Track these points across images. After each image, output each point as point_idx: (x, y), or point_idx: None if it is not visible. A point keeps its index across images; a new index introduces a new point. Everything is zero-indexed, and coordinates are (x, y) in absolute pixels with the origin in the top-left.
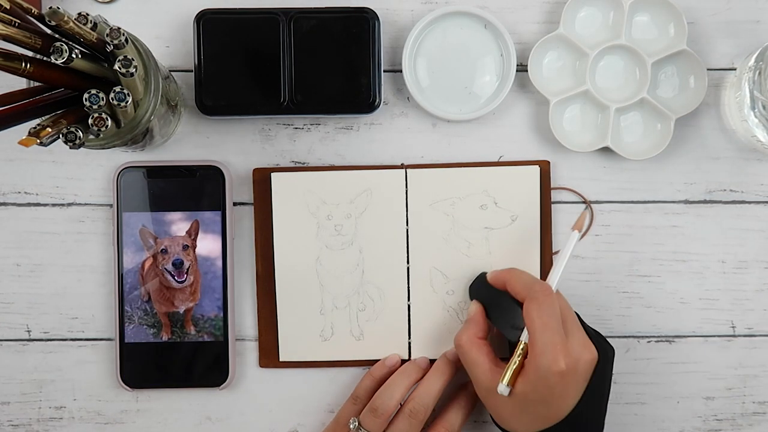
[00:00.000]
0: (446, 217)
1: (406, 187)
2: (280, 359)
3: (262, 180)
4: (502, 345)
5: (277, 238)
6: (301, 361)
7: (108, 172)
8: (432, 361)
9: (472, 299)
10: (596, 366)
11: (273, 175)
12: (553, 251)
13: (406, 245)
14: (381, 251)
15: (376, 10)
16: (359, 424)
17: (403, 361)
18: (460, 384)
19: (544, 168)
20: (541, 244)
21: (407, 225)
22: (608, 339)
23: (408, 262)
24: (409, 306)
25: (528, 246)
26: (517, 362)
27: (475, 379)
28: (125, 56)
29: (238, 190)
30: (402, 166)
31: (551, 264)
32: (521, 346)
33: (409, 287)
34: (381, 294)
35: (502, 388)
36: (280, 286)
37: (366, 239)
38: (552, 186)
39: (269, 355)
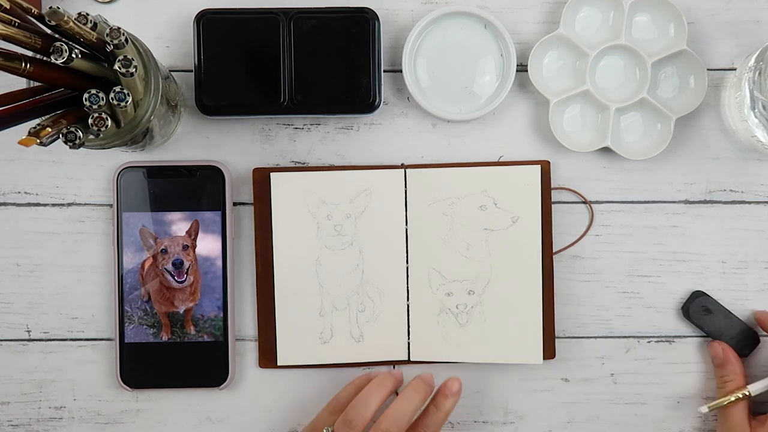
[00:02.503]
0: (445, 217)
1: (406, 187)
2: (279, 363)
3: (261, 180)
4: None
5: (276, 238)
6: (301, 364)
7: (108, 172)
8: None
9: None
10: None
11: (272, 175)
12: (554, 251)
13: (405, 245)
14: (381, 251)
15: (376, 10)
16: None
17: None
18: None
19: (545, 168)
20: (542, 246)
21: (407, 225)
22: (608, 339)
23: (407, 263)
24: (408, 306)
25: (528, 248)
26: None
27: None
28: (125, 56)
29: (238, 190)
30: (401, 166)
31: (552, 265)
32: None
33: (408, 288)
34: (380, 294)
35: None
36: (280, 286)
37: (365, 239)
38: (552, 186)
39: (269, 356)
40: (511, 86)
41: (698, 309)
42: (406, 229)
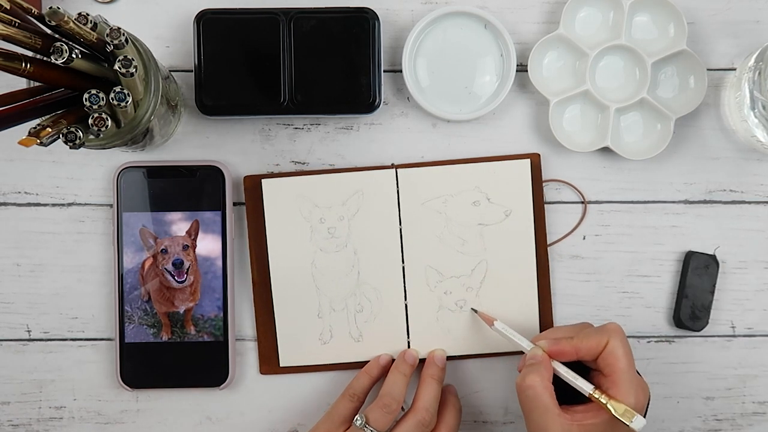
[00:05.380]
0: (439, 215)
1: (397, 186)
2: (281, 365)
3: (253, 187)
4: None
5: (271, 244)
6: (302, 366)
7: (108, 172)
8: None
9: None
10: (648, 399)
11: (264, 181)
12: (548, 243)
13: (400, 245)
14: (375, 252)
15: (376, 10)
16: (366, 420)
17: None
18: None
19: (535, 161)
20: (536, 237)
21: (400, 224)
22: None
23: (403, 262)
24: (406, 305)
25: (523, 239)
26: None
27: (542, 426)
28: (125, 56)
29: (238, 190)
30: (392, 166)
31: (546, 257)
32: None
33: (405, 286)
34: (378, 294)
35: (641, 422)
36: (277, 291)
37: (360, 240)
38: (544, 179)
39: (269, 362)
40: (511, 86)
41: (700, 266)
42: (400, 229)
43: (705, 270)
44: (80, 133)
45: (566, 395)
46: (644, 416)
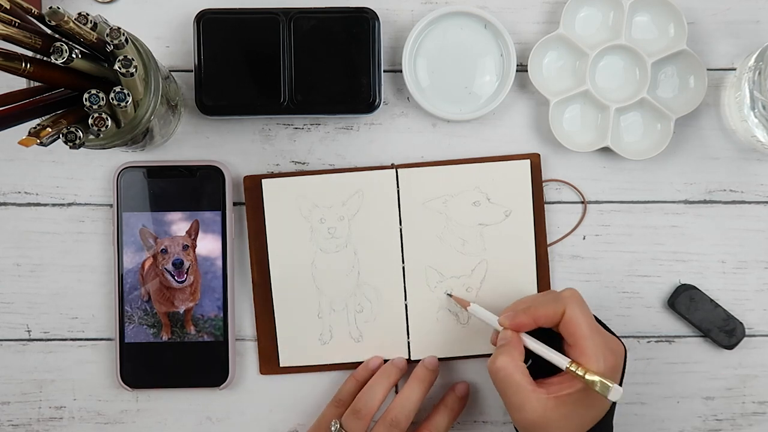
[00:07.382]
0: (439, 215)
1: (398, 186)
2: (281, 365)
3: (253, 187)
4: None
5: (271, 244)
6: (302, 366)
7: (108, 172)
8: (411, 362)
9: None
10: (625, 357)
11: (264, 181)
12: (548, 243)
13: (400, 245)
14: (376, 252)
15: (376, 10)
16: (341, 426)
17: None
18: (448, 387)
19: (535, 161)
20: (536, 237)
21: (400, 224)
22: None
23: (403, 262)
24: (406, 306)
25: (523, 240)
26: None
27: (519, 404)
28: (125, 56)
29: (238, 190)
30: (392, 166)
31: (546, 257)
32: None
33: (405, 287)
34: (378, 295)
35: (618, 392)
36: (277, 291)
37: (360, 240)
38: (544, 179)
39: (270, 362)
40: (511, 86)
41: (685, 301)
42: (401, 229)
43: (694, 302)
44: (80, 133)
45: (543, 368)
46: (622, 375)
